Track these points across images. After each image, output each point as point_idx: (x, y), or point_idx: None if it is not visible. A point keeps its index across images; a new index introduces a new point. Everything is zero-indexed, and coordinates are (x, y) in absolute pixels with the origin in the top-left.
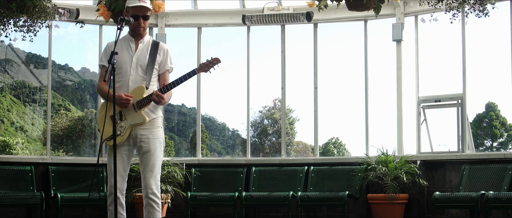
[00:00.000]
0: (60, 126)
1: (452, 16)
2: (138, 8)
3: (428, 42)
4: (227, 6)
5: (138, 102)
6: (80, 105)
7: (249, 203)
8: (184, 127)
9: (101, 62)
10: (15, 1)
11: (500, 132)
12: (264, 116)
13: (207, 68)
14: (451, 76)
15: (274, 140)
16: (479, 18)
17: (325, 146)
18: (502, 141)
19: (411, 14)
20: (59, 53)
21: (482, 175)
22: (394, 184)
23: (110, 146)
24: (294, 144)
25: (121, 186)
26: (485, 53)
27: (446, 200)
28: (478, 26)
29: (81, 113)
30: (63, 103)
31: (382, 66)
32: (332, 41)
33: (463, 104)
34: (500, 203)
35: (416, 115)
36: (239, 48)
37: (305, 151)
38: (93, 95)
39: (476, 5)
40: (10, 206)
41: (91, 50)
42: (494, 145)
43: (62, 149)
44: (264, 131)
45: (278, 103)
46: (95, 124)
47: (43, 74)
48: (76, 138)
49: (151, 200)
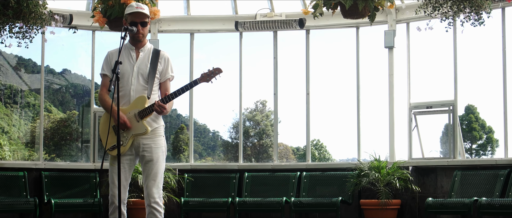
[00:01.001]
0: (42, 127)
1: (448, 24)
2: (135, 14)
3: (419, 49)
4: (219, 12)
5: (140, 112)
6: (61, 106)
7: (243, 209)
8: (166, 130)
9: (103, 71)
10: (11, 7)
11: (480, 135)
12: (246, 118)
13: (209, 78)
14: (443, 82)
15: (256, 141)
16: (474, 27)
17: (306, 148)
18: (481, 143)
19: (403, 21)
20: (47, 57)
21: (474, 181)
22: (387, 190)
23: (111, 156)
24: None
25: (123, 196)
26: (475, 59)
27: (438, 206)
28: (468, 32)
29: (63, 115)
30: (45, 104)
31: (374, 73)
32: (325, 48)
33: (454, 110)
34: (493, 209)
35: (407, 121)
36: (227, 51)
37: (286, 152)
38: (75, 96)
39: (472, 13)
40: (3, 212)
41: (82, 55)
42: (473, 147)
43: (45, 151)
44: (246, 133)
45: (259, 105)
46: (77, 126)
47: (31, 78)
48: (59, 140)
49: (153, 209)
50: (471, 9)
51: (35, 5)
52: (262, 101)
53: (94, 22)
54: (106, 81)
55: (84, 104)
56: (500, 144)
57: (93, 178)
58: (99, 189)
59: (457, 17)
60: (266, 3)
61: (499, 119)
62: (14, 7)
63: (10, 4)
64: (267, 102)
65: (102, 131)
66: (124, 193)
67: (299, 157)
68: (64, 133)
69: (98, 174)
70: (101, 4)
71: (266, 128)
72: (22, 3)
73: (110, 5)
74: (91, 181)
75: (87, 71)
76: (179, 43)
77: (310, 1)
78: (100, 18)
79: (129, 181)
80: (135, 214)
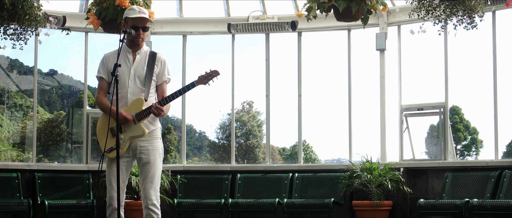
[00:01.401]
0: (30, 128)
1: (441, 27)
2: (138, 19)
3: (411, 51)
4: (212, 14)
5: (137, 114)
6: (48, 107)
7: (236, 210)
8: None
9: (99, 73)
10: (6, 9)
11: (464, 135)
12: (232, 119)
13: (206, 81)
14: (434, 85)
15: (243, 142)
16: (467, 30)
17: (293, 148)
18: (466, 144)
19: (394, 24)
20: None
21: (465, 182)
22: (379, 191)
23: (109, 158)
24: (262, 146)
25: (120, 198)
26: (460, 61)
27: (430, 207)
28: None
29: (50, 115)
30: (31, 105)
31: (366, 75)
32: (317, 50)
33: (445, 112)
34: (484, 211)
35: (398, 123)
36: (218, 53)
37: (272, 153)
38: (62, 96)
39: (465, 17)
40: None
41: (72, 56)
42: (458, 148)
43: (30, 151)
44: None
45: (246, 106)
46: (64, 127)
47: (18, 79)
48: (46, 140)
49: (151, 210)
50: (464, 13)
51: (30, 7)
52: (249, 102)
53: (89, 24)
54: (103, 83)
55: (72, 104)
56: (484, 144)
57: (86, 180)
58: (93, 190)
59: (449, 20)
60: (258, 5)
61: (483, 120)
62: (9, 9)
63: (5, 6)
64: (254, 103)
65: (100, 133)
66: (121, 195)
67: (285, 157)
68: (52, 133)
69: (91, 176)
70: (95, 6)
71: (253, 129)
72: (17, 5)
73: (105, 7)
74: (84, 183)
75: (76, 72)
76: (171, 45)
77: (304, 4)
78: (95, 20)
79: (126, 183)
80: (128, 215)
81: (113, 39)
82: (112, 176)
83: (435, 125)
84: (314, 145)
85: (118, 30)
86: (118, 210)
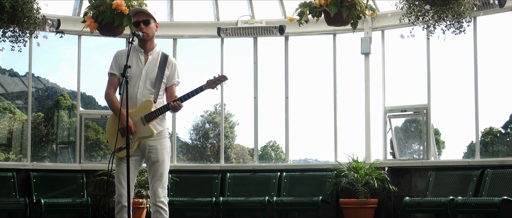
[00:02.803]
0: (8, 129)
1: (430, 32)
2: (137, 14)
3: (394, 55)
4: (202, 18)
5: (146, 115)
6: (24, 109)
7: (226, 208)
8: None
9: (111, 70)
10: (6, 12)
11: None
12: (205, 120)
13: (214, 85)
14: (417, 87)
15: (215, 142)
16: (456, 35)
17: (263, 149)
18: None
19: (378, 29)
20: (16, 60)
21: (448, 181)
22: (365, 190)
23: (117, 157)
24: (234, 146)
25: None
26: (447, 64)
27: (415, 205)
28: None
29: (26, 117)
30: (8, 106)
31: (351, 78)
32: (303, 53)
33: (427, 114)
34: (468, 208)
35: (382, 124)
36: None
37: (242, 153)
38: (38, 99)
39: (454, 22)
40: None
41: (51, 59)
42: (421, 148)
43: (12, 152)
44: (206, 135)
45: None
46: (41, 127)
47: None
48: (24, 140)
49: (159, 207)
50: (453, 18)
51: (29, 10)
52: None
53: (86, 27)
54: (113, 80)
55: (50, 106)
56: (446, 145)
57: (80, 179)
58: (87, 189)
59: (438, 25)
60: (247, 10)
61: (445, 122)
62: (9, 12)
63: (5, 9)
64: (226, 105)
65: (109, 133)
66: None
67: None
68: (36, 135)
69: (85, 175)
70: (92, 10)
71: (225, 130)
72: (17, 7)
73: (101, 11)
74: (78, 182)
75: (53, 74)
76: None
77: (295, 9)
78: (91, 23)
79: (134, 181)
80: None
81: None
82: (121, 175)
83: (418, 126)
84: (284, 146)
85: (115, 33)
86: (129, 208)
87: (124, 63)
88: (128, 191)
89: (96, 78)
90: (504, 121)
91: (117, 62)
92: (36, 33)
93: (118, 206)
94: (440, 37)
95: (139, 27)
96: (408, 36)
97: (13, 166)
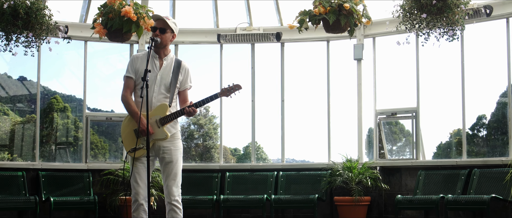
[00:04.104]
0: (4, 130)
1: (424, 39)
2: (157, 20)
3: (385, 61)
4: (202, 25)
5: (161, 119)
6: (18, 111)
7: (227, 206)
8: (113, 131)
9: (128, 73)
10: (21, 18)
11: (399, 137)
12: (190, 122)
13: (229, 93)
14: (406, 91)
15: (199, 143)
16: (449, 42)
17: (245, 149)
18: (400, 144)
19: (370, 36)
20: (13, 64)
21: (437, 179)
22: (359, 188)
23: (132, 157)
24: (217, 146)
25: (145, 193)
26: (436, 69)
27: (407, 203)
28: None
29: (19, 118)
30: (2, 108)
31: (344, 82)
32: (298, 59)
33: (417, 116)
34: (459, 205)
35: (374, 126)
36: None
37: (225, 153)
38: (30, 101)
39: (448, 29)
40: (5, 210)
41: (43, 63)
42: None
43: (7, 151)
44: (191, 135)
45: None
46: (29, 126)
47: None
48: (19, 141)
49: (174, 205)
50: (447, 26)
51: (42, 16)
52: (206, 107)
53: (95, 33)
54: (130, 83)
55: (43, 108)
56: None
57: (87, 178)
58: (93, 187)
59: (431, 33)
60: (245, 18)
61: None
62: (23, 18)
63: (19, 16)
64: (210, 107)
65: (125, 135)
66: (145, 191)
67: (238, 157)
68: (24, 135)
69: (91, 174)
70: (101, 17)
71: (210, 131)
72: (31, 14)
73: (110, 18)
74: (85, 180)
75: (45, 78)
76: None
77: (295, 17)
78: (101, 29)
79: (150, 180)
80: (124, 210)
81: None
82: (137, 174)
83: (408, 128)
84: (265, 146)
85: (123, 39)
86: (149, 204)
87: (139, 67)
88: (148, 189)
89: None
90: (472, 123)
91: (133, 66)
92: (48, 39)
93: (135, 204)
94: (435, 44)
95: (155, 33)
96: (404, 43)
97: (23, 165)
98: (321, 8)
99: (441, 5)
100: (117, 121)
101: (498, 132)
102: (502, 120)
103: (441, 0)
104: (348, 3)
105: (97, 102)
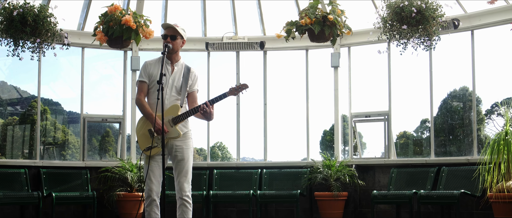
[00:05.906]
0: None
1: (402, 48)
2: (167, 28)
3: (359, 68)
4: (191, 34)
5: (174, 118)
6: (3, 115)
7: (216, 201)
8: (93, 132)
9: (141, 78)
10: (29, 25)
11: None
12: None
13: (236, 92)
14: (379, 95)
15: None
16: (426, 51)
17: (212, 148)
18: (354, 145)
19: (346, 45)
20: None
21: (408, 177)
22: (337, 184)
23: (146, 155)
24: None
25: (158, 189)
26: (405, 75)
27: (382, 197)
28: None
29: (4, 120)
30: None
31: (322, 88)
32: (279, 66)
33: (389, 119)
34: (430, 200)
35: (349, 127)
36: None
37: None
38: (11, 104)
39: (426, 40)
40: (9, 205)
41: (22, 68)
42: (346, 149)
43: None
44: None
45: None
46: (16, 129)
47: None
48: (1, 141)
49: (185, 201)
50: (424, 37)
51: (48, 23)
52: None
53: (96, 40)
54: (143, 87)
55: (24, 111)
56: (367, 146)
57: (85, 175)
58: (91, 184)
59: (409, 43)
60: (231, 27)
61: (365, 126)
62: (31, 25)
63: (27, 23)
64: None
65: (139, 133)
66: (158, 187)
67: (204, 156)
68: (6, 135)
69: (88, 171)
70: (102, 25)
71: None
72: (38, 21)
73: (111, 26)
74: (83, 177)
75: (25, 82)
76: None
77: (283, 27)
78: (102, 37)
79: (162, 178)
80: (123, 205)
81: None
82: (151, 171)
83: (380, 129)
84: (229, 146)
85: (123, 46)
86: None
87: (152, 72)
88: (163, 186)
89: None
90: (416, 125)
91: (146, 71)
92: (52, 45)
93: (148, 199)
94: (413, 53)
95: (166, 40)
96: (384, 52)
97: (25, 163)
98: (307, 19)
99: (420, 18)
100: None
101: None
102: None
103: (420, 13)
104: (332, 15)
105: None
